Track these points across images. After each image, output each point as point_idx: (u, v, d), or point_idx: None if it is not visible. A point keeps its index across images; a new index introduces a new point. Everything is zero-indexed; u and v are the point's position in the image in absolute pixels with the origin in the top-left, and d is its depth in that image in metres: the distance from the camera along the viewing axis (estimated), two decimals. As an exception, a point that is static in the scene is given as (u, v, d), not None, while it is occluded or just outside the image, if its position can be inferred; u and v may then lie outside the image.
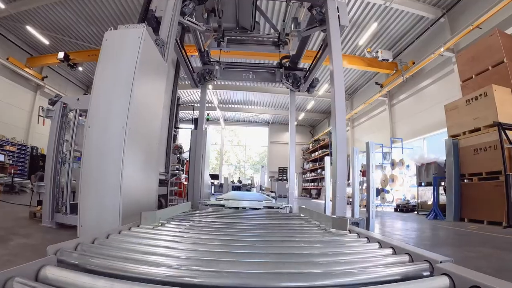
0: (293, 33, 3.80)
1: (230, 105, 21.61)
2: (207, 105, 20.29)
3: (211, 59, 5.27)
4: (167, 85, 4.30)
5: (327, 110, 21.23)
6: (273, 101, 20.21)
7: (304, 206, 2.57)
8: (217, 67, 5.16)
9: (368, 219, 3.48)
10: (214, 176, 20.65)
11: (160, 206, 3.95)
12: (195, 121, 6.04)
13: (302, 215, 2.51)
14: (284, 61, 5.35)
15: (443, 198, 7.63)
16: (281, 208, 3.48)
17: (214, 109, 20.12)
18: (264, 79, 5.49)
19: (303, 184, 23.16)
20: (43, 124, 4.48)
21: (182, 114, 18.04)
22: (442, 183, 7.92)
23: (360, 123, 17.00)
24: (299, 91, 5.38)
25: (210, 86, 15.68)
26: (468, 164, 6.76)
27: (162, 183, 4.25)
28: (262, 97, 19.65)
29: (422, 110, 11.24)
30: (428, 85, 10.97)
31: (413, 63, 10.71)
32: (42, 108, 4.11)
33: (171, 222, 1.76)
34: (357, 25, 10.62)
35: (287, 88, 5.39)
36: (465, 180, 6.85)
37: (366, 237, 1.40)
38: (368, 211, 3.59)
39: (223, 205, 3.40)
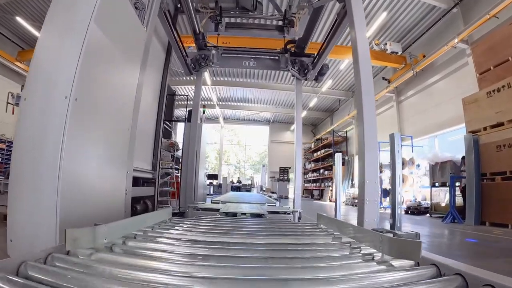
0: (303, 4, 3.22)
1: (229, 103, 21.02)
2: (206, 102, 19.80)
3: (208, 43, 4.69)
4: (155, 70, 3.71)
5: (330, 108, 20.63)
6: (274, 98, 19.60)
7: (324, 214, 1.96)
8: (214, 52, 4.57)
9: (394, 226, 2.89)
10: (213, 176, 20.17)
11: (145, 210, 3.37)
12: (189, 113, 5.43)
13: (322, 226, 1.86)
14: (289, 46, 4.78)
15: (458, 200, 7.07)
16: (288, 213, 2.89)
17: (213, 106, 19.54)
18: (267, 66, 4.91)
19: (305, 185, 22.57)
20: (12, 113, 3.90)
21: (180, 112, 17.39)
22: (457, 184, 7.34)
23: (365, 121, 16.37)
24: (306, 79, 4.79)
25: (208, 82, 15.05)
26: (489, 162, 6.21)
27: (149, 182, 3.67)
28: (263, 94, 19.05)
29: (432, 107, 10.64)
30: (439, 80, 10.37)
31: (424, 56, 10.11)
32: (11, 95, 3.53)
33: (128, 244, 1.11)
34: (364, 15, 10.02)
35: (293, 75, 4.80)
36: (485, 180, 6.28)
37: (460, 275, 0.78)
38: (393, 216, 2.99)
39: (218, 210, 2.79)
